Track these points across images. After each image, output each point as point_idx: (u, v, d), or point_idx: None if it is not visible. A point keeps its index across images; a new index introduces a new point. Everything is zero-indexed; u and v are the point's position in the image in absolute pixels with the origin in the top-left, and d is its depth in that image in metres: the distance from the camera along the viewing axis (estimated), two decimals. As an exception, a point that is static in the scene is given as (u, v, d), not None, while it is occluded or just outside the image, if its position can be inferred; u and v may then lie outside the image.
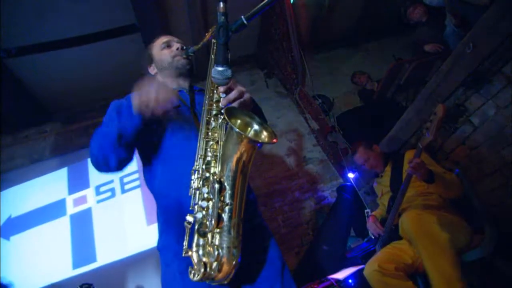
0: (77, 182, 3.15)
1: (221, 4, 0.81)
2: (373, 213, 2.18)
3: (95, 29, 3.06)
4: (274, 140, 0.89)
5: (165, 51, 1.26)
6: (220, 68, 0.84)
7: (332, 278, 1.98)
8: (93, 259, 2.81)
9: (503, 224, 1.84)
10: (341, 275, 2.01)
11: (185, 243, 0.84)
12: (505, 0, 1.63)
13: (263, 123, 0.93)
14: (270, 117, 3.88)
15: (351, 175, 3.04)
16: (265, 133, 0.91)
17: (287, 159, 3.60)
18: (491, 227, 1.67)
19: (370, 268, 1.69)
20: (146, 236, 2.77)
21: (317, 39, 4.44)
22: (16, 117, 3.46)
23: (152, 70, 1.30)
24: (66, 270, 2.77)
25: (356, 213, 2.78)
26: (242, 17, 0.82)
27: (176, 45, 1.26)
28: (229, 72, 0.85)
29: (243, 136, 0.84)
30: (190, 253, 0.83)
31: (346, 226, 2.83)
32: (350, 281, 1.93)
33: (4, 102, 3.13)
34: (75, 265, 2.79)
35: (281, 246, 3.38)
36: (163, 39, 1.29)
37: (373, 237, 2.14)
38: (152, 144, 1.10)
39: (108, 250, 2.82)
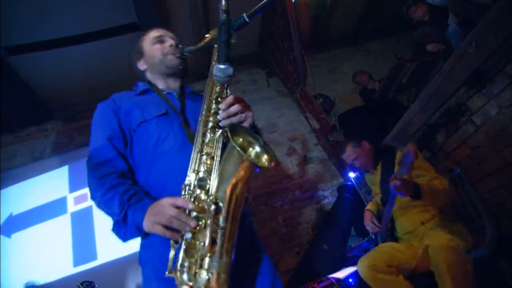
0: (78, 180, 3.15)
1: (223, 2, 0.80)
2: (368, 206, 2.12)
3: (96, 28, 3.06)
4: (273, 164, 0.85)
5: (157, 46, 1.15)
6: (221, 66, 0.83)
7: (333, 278, 1.98)
8: (93, 257, 2.82)
9: (504, 224, 1.83)
10: (341, 274, 2.01)
11: (170, 263, 0.77)
12: (508, -1, 1.62)
13: (265, 145, 0.88)
14: (271, 116, 3.89)
15: (352, 175, 3.04)
16: (265, 156, 0.86)
17: (287, 158, 3.60)
18: (492, 227, 1.66)
19: (361, 265, 1.68)
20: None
21: (318, 38, 4.44)
22: (17, 115, 3.46)
23: (142, 65, 1.20)
24: (67, 268, 2.77)
25: (357, 212, 2.78)
26: (244, 15, 0.82)
27: (169, 41, 1.15)
28: (230, 70, 0.84)
29: (244, 158, 0.79)
30: (174, 274, 0.76)
31: (347, 225, 2.82)
32: (350, 280, 1.93)
33: (5, 100, 3.13)
34: (76, 263, 2.80)
35: (281, 245, 3.36)
36: (156, 33, 1.18)
37: (373, 237, 2.14)
38: (139, 151, 1.03)
39: (109, 248, 2.82)
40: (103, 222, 2.95)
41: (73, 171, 3.25)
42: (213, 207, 0.78)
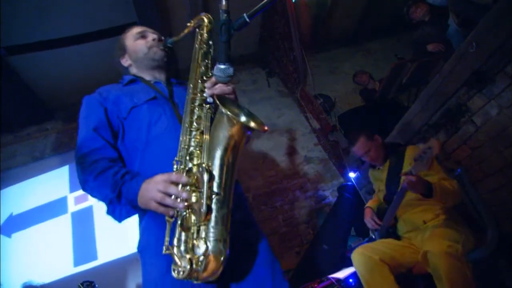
0: (79, 180, 3.15)
1: (224, 2, 0.81)
2: (368, 204, 2.09)
3: (96, 28, 3.06)
4: (266, 128, 0.86)
5: (140, 41, 1.19)
6: (222, 66, 0.84)
7: (333, 278, 1.98)
8: (94, 257, 2.82)
9: (505, 224, 1.83)
10: (341, 274, 2.01)
11: (167, 238, 0.77)
12: (509, -1, 1.62)
13: (251, 113, 0.89)
14: (271, 115, 3.89)
15: (352, 175, 3.04)
16: (253, 123, 0.88)
17: (288, 158, 3.60)
18: (492, 228, 1.66)
19: (356, 252, 1.68)
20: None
21: (319, 38, 4.44)
22: (17, 115, 3.46)
23: (125, 61, 1.23)
24: (67, 268, 2.77)
25: (357, 212, 2.78)
26: (245, 15, 0.82)
27: (151, 36, 1.19)
28: (231, 70, 0.84)
29: (235, 121, 0.80)
30: (171, 249, 0.76)
31: (347, 225, 2.83)
32: (350, 280, 1.93)
33: (5, 100, 3.13)
34: (76, 263, 2.80)
35: (281, 245, 3.36)
36: (137, 29, 1.22)
37: (373, 236, 2.14)
38: (131, 138, 1.04)
39: (109, 248, 2.82)
40: (103, 222, 2.96)
41: (73, 171, 3.22)
42: (205, 174, 0.79)
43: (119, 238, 2.81)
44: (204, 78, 0.99)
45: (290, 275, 2.82)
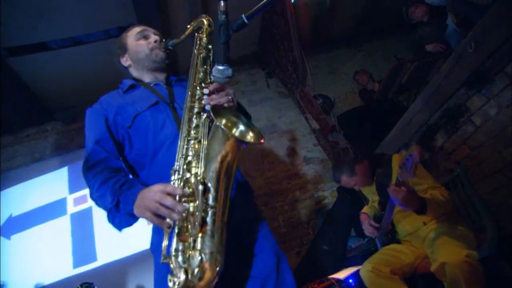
0: (78, 182, 3.15)
1: (222, 3, 0.80)
2: (364, 210, 2.09)
3: (97, 29, 3.06)
4: (262, 141, 0.86)
5: (141, 42, 1.18)
6: (220, 67, 0.83)
7: (333, 278, 1.98)
8: (93, 258, 2.81)
9: (505, 225, 1.83)
10: (341, 274, 2.01)
11: (164, 249, 0.79)
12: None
13: (249, 123, 0.90)
14: (271, 116, 3.88)
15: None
16: (251, 134, 0.88)
17: (287, 159, 3.60)
18: (492, 228, 1.66)
19: (365, 268, 1.67)
20: (146, 235, 2.76)
21: (318, 38, 4.44)
22: (17, 116, 3.46)
23: (125, 61, 1.22)
24: (66, 269, 2.77)
25: (357, 213, 2.77)
26: (243, 16, 0.82)
27: (153, 37, 1.18)
28: (229, 71, 0.84)
29: (229, 135, 0.81)
30: (168, 259, 0.78)
31: (347, 226, 2.82)
32: (350, 281, 1.93)
33: (5, 101, 3.13)
34: (76, 265, 2.79)
35: (281, 246, 3.37)
36: (138, 28, 1.21)
37: (373, 237, 2.13)
38: (139, 145, 1.05)
39: (109, 250, 2.82)
40: (102, 223, 2.95)
41: (72, 172, 3.24)
42: (200, 187, 0.80)
43: (118, 239, 2.80)
44: (203, 84, 0.99)
45: (290, 276, 2.81)
